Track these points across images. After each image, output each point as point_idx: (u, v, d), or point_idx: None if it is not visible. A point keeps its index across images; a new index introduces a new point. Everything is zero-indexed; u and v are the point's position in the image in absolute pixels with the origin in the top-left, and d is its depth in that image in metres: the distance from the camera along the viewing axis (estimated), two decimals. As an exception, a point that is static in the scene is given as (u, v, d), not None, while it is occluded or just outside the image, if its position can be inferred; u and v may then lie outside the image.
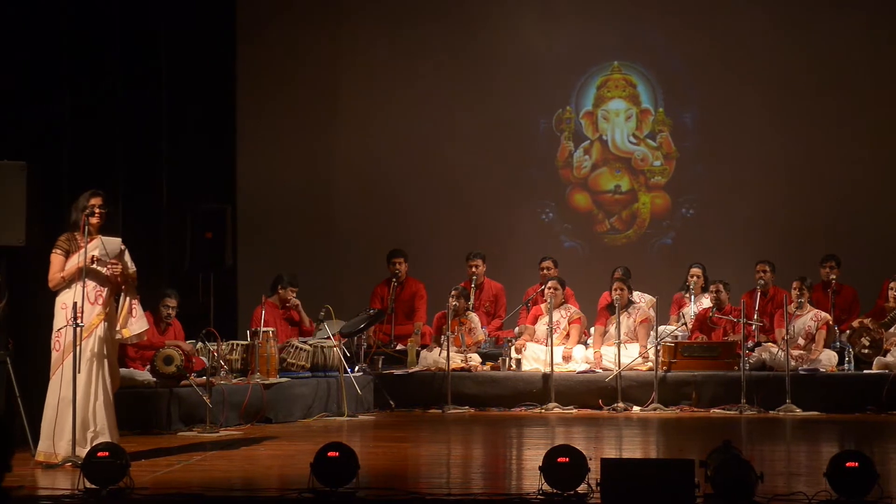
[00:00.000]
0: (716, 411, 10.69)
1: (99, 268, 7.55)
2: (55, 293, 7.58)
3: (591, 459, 6.14)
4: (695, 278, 12.21)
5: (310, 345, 10.73)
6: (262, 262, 12.87)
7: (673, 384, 11.00)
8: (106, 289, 7.59)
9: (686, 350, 11.26)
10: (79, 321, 7.35)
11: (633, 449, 8.89)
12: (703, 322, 11.63)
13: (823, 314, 11.28)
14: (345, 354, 10.78)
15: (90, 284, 7.51)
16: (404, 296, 12.37)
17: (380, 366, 11.51)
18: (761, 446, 8.65)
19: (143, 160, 11.01)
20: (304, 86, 13.80)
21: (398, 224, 13.50)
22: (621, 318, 11.31)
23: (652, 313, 11.59)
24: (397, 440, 9.24)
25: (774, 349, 11.09)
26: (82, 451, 7.07)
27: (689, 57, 13.64)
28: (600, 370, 11.27)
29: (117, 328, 7.62)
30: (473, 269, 12.39)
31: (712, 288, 11.68)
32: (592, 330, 11.78)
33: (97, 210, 7.60)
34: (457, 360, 11.31)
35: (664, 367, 11.07)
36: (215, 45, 12.74)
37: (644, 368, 11.17)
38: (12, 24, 8.89)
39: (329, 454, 6.23)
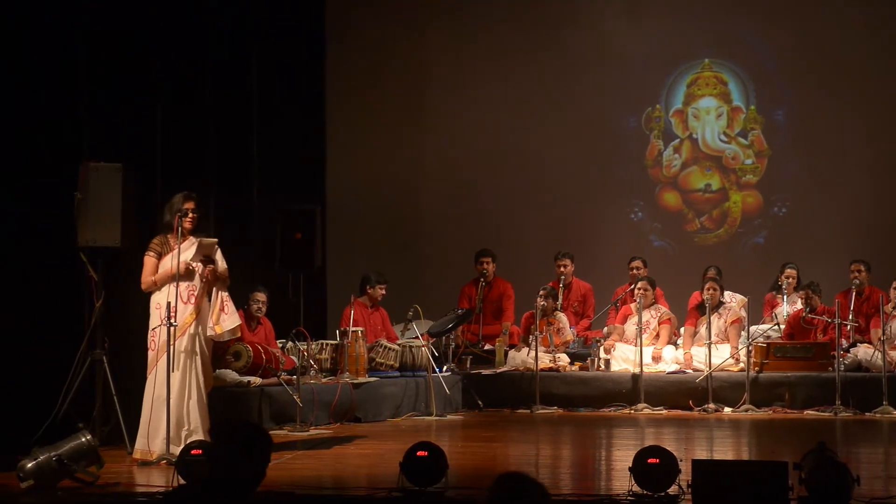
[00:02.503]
0: (809, 413, 10.52)
1: (190, 267, 7.64)
2: (149, 293, 7.71)
3: (681, 461, 6.06)
4: (789, 279, 12.01)
5: (398, 344, 10.77)
6: (350, 262, 12.92)
7: (765, 385, 10.85)
8: (198, 288, 7.70)
9: (779, 351, 11.09)
10: (173, 321, 7.46)
11: (724, 450, 8.77)
12: (796, 324, 11.43)
13: (921, 315, 11.04)
14: (433, 354, 10.79)
15: (182, 284, 7.61)
16: (492, 296, 12.35)
17: (468, 366, 11.51)
18: (857, 448, 8.48)
19: (235, 161, 11.14)
20: (393, 86, 13.86)
21: (486, 224, 13.48)
22: (712, 318, 11.17)
23: (743, 313, 11.44)
24: (486, 440, 9.24)
25: (870, 350, 10.87)
26: (176, 450, 7.17)
27: (780, 54, 13.44)
28: (690, 371, 11.16)
29: (210, 325, 7.71)
30: (562, 269, 12.32)
31: (801, 294, 11.49)
32: (682, 330, 11.66)
33: (190, 212, 7.71)
34: (545, 360, 11.28)
35: (756, 368, 10.91)
36: (305, 46, 12.83)
37: (735, 369, 11.02)
38: (105, 29, 9.03)
39: (418, 453, 6.24)
